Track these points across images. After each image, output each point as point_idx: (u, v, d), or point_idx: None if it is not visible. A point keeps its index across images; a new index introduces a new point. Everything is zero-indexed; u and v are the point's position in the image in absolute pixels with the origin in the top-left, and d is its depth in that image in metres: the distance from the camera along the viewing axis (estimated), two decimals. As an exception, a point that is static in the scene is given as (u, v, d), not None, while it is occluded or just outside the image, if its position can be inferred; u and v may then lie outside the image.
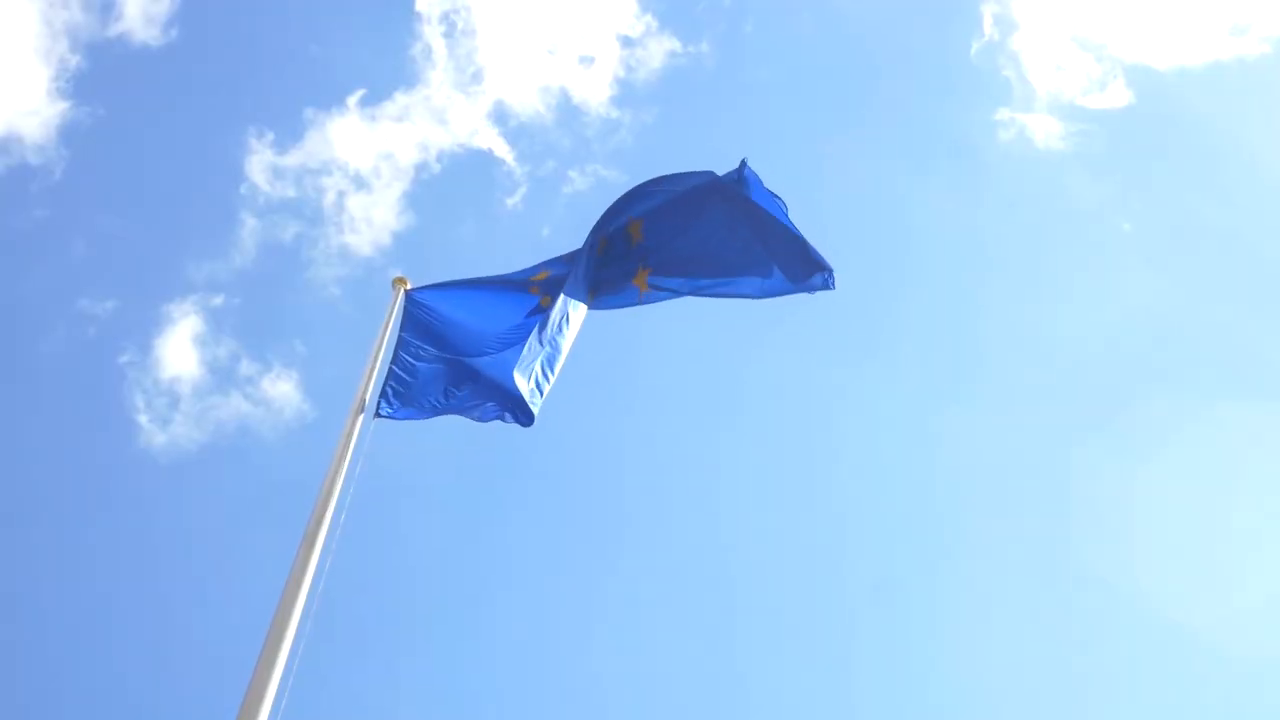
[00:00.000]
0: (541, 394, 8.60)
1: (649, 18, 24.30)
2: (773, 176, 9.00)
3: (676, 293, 9.15)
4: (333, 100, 24.03)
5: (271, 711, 5.99)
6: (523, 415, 8.53)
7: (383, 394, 8.42)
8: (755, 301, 8.99)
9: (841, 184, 25.10)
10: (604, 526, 21.57)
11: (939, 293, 25.35)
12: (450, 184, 24.13)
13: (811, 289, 8.87)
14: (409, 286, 8.88)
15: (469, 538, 21.62)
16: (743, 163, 8.87)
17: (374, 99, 23.61)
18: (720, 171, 9.01)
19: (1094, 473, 23.06)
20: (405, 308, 8.82)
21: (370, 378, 8.23)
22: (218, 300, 22.23)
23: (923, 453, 23.74)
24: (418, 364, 8.69)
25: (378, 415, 8.30)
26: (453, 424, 8.82)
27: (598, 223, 9.09)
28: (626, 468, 23.03)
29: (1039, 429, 23.77)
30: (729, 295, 9.08)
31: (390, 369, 8.56)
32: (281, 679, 6.12)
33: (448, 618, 20.76)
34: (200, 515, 21.01)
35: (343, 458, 7.58)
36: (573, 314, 8.85)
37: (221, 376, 21.77)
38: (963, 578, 22.28)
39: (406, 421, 8.54)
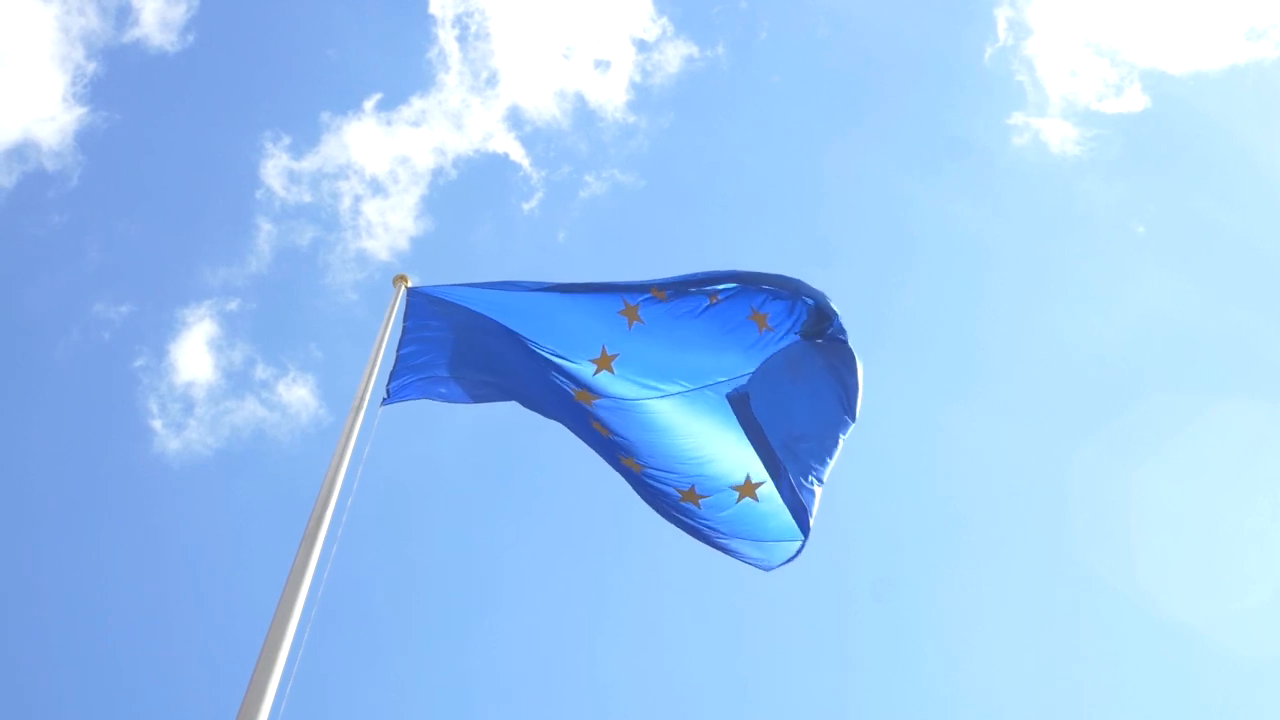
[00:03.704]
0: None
1: (664, 21, 24.23)
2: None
3: None
4: (348, 104, 24.13)
5: (271, 712, 5.97)
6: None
7: (390, 379, 8.46)
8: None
9: (854, 188, 25.10)
10: (607, 525, 21.58)
11: (950, 296, 25.35)
12: (466, 188, 24.14)
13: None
14: (410, 284, 8.85)
15: (473, 536, 21.64)
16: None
17: (390, 103, 23.62)
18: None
19: (1096, 473, 23.08)
20: (409, 303, 8.79)
21: (371, 376, 8.22)
22: (233, 305, 22.27)
23: (928, 453, 23.76)
24: (423, 353, 8.69)
25: (384, 403, 8.35)
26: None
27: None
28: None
29: (1044, 430, 23.80)
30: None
31: (397, 354, 8.56)
32: (281, 679, 6.10)
33: (451, 618, 20.80)
34: (214, 520, 21.08)
35: (343, 455, 7.56)
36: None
37: (236, 381, 21.83)
38: (963, 578, 22.30)
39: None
